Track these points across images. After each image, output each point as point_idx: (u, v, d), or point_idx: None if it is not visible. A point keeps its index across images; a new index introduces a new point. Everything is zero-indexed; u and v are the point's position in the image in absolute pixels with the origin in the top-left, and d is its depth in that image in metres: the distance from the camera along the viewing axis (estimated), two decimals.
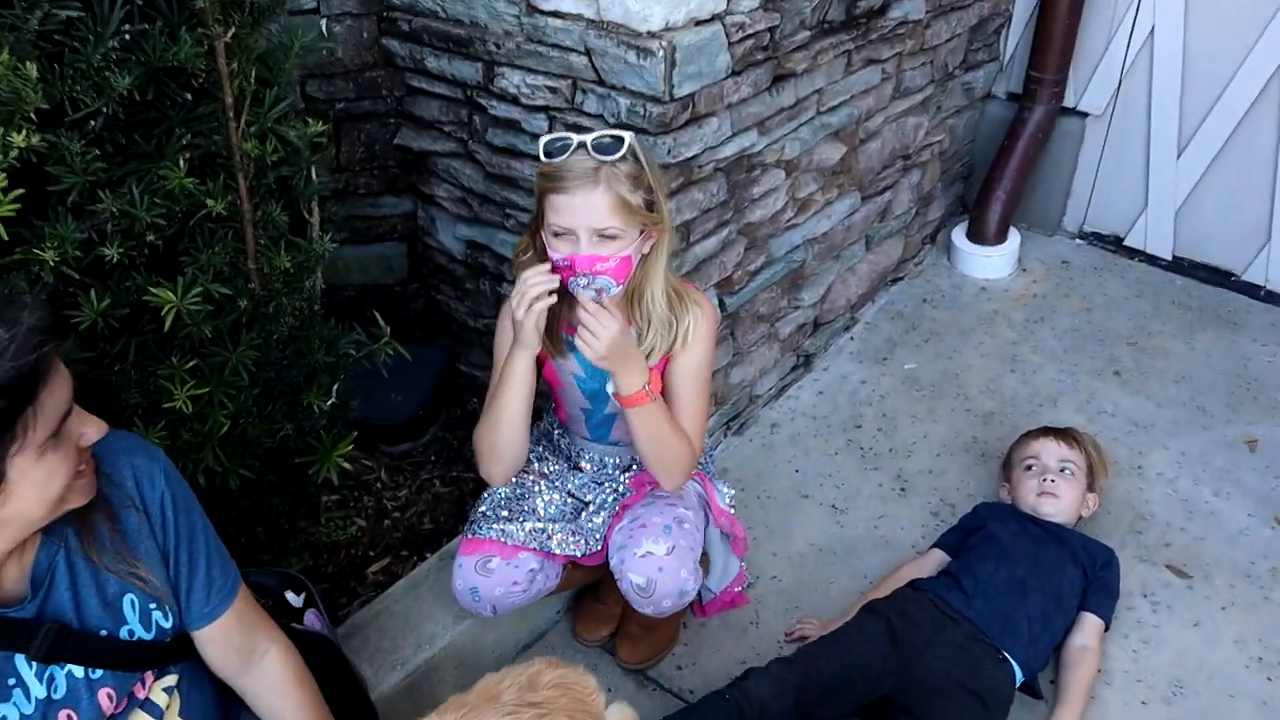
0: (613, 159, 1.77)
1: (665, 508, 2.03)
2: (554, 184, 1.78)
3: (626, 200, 1.77)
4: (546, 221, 1.83)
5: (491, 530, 2.03)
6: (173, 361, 1.83)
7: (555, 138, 1.80)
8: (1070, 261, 3.65)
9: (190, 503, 1.58)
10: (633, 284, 1.91)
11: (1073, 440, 2.56)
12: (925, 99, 3.22)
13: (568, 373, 2.05)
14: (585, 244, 1.78)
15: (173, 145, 1.71)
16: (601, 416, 2.10)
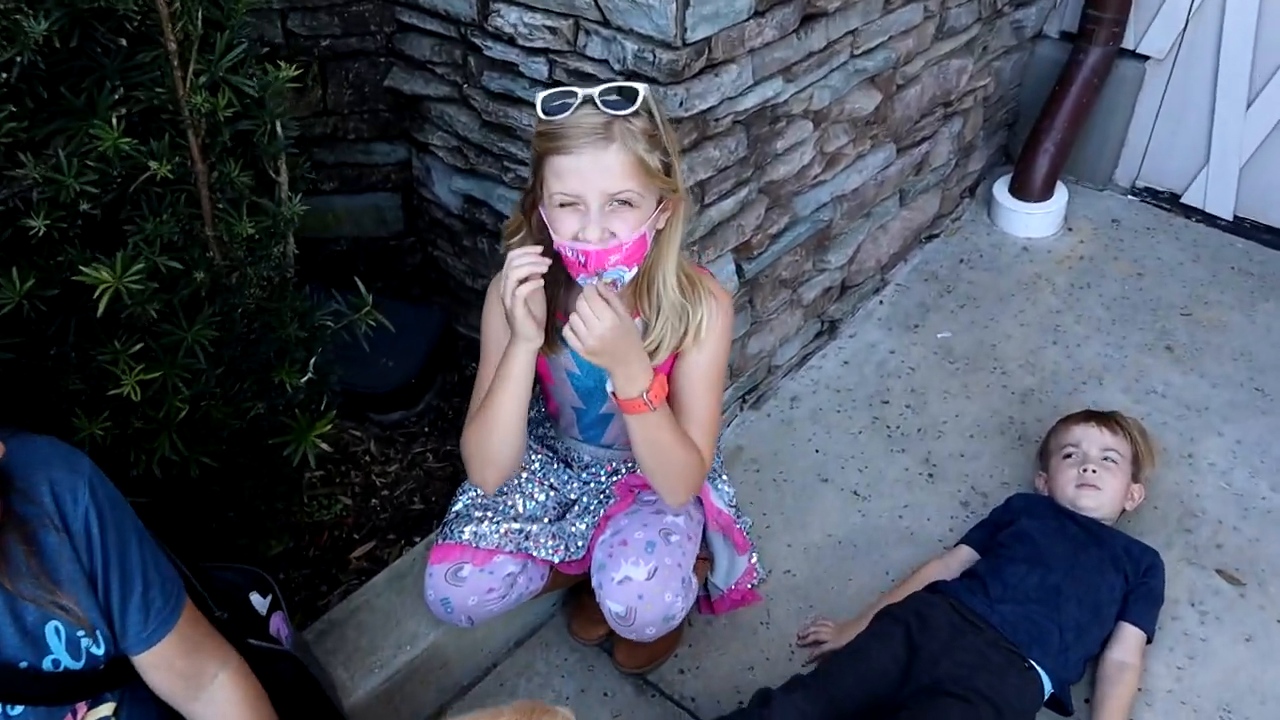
0: (626, 113, 1.52)
1: (651, 517, 1.82)
2: (556, 144, 1.52)
3: (644, 160, 1.53)
4: (548, 191, 1.56)
5: (463, 533, 1.84)
6: (115, 345, 1.62)
7: (555, 92, 1.54)
8: (1121, 220, 3.38)
9: (121, 517, 1.39)
10: (642, 266, 1.66)
11: (1117, 426, 2.33)
12: (970, 39, 2.93)
13: (560, 367, 1.83)
14: (596, 214, 1.53)
15: (104, 99, 1.49)
16: (595, 416, 1.89)
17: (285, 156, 1.82)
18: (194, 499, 2.01)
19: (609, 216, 1.54)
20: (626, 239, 1.56)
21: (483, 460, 1.76)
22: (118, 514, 1.38)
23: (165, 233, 1.64)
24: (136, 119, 1.57)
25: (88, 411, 1.67)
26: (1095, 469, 2.25)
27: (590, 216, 1.53)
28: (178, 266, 1.64)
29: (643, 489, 1.86)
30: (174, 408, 1.77)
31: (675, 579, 1.76)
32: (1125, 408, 2.68)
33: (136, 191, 1.61)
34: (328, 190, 2.69)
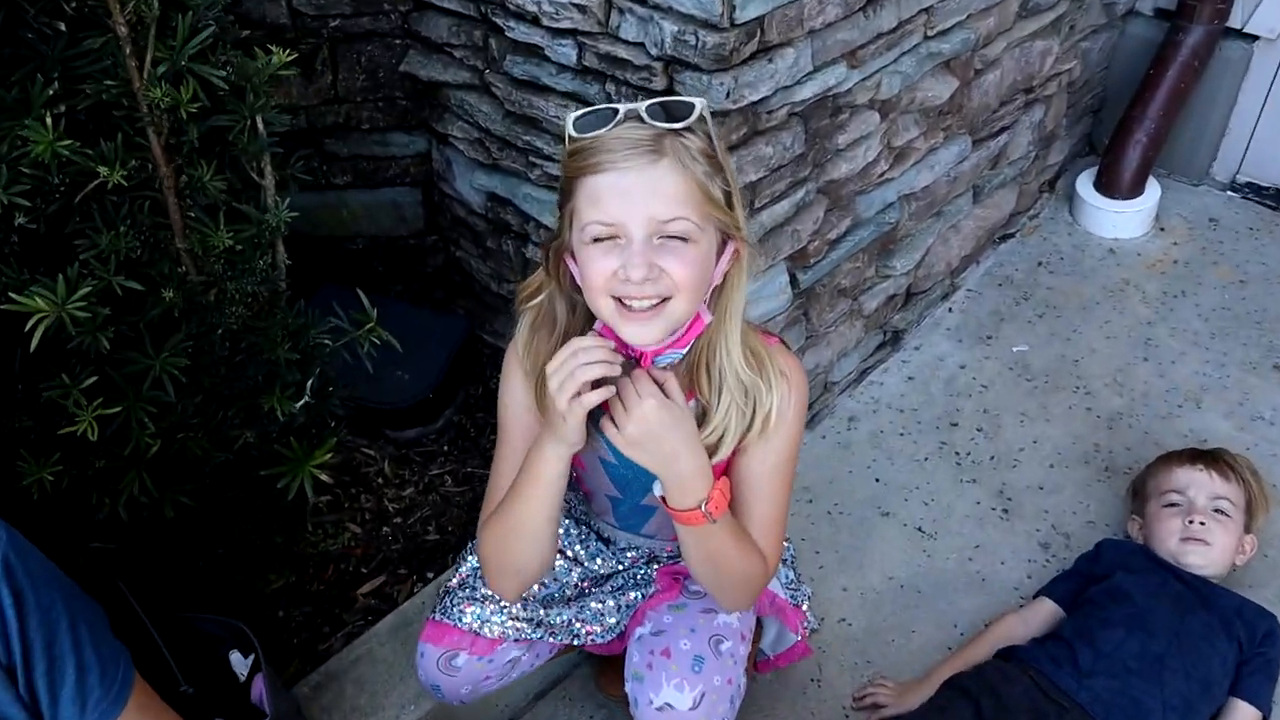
0: (679, 126, 1.20)
1: (700, 618, 1.50)
2: (594, 160, 1.20)
3: (704, 185, 1.21)
4: (579, 224, 1.23)
5: (464, 616, 1.57)
6: (64, 378, 1.40)
7: (592, 110, 1.22)
8: (1219, 219, 3.04)
9: (48, 596, 1.17)
10: (700, 338, 1.33)
11: (1228, 469, 2.03)
12: (1057, 18, 2.61)
13: (593, 453, 1.48)
14: (641, 246, 1.19)
15: (39, 95, 1.25)
16: (634, 505, 1.56)
17: (270, 156, 1.58)
18: (175, 538, 1.80)
19: (658, 251, 1.20)
20: (684, 280, 1.22)
21: (500, 568, 1.43)
22: (43, 594, 1.16)
23: (123, 247, 1.41)
24: (83, 116, 1.35)
25: (37, 453, 1.45)
26: (1204, 521, 1.95)
27: (634, 248, 1.19)
28: (137, 286, 1.41)
29: (689, 576, 1.56)
30: (143, 443, 1.55)
31: (724, 700, 1.45)
32: (1228, 436, 2.38)
33: (86, 201, 1.38)
34: (341, 185, 2.46)
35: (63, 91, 1.30)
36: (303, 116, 2.33)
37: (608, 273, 1.21)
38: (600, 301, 1.25)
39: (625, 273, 1.20)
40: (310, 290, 2.35)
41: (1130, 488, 2.21)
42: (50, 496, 1.47)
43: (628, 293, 1.22)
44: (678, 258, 1.21)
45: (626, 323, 1.24)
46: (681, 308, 1.24)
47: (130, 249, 1.43)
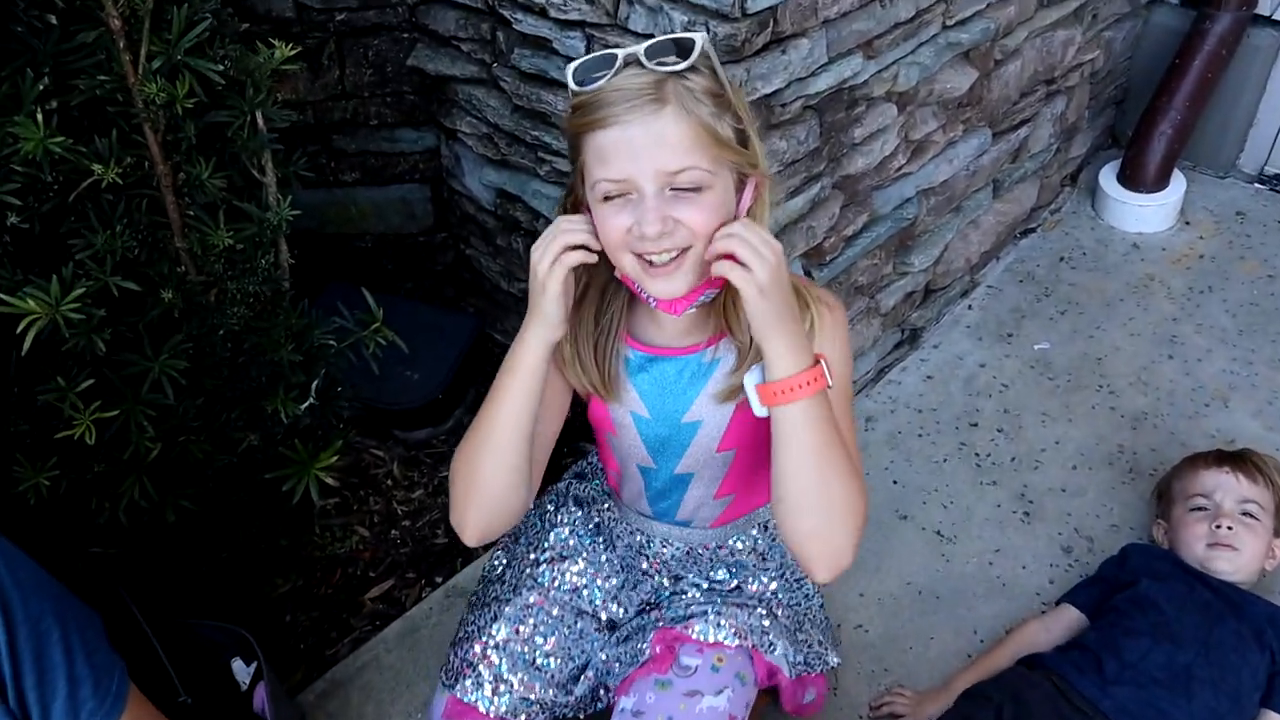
0: (680, 68, 1.16)
1: (681, 701, 1.38)
2: (595, 116, 1.16)
3: (710, 127, 1.16)
4: (589, 180, 1.20)
5: (482, 692, 1.45)
6: (59, 381, 1.37)
7: (589, 58, 1.18)
8: (1246, 213, 2.96)
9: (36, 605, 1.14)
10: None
11: (1256, 471, 1.96)
12: (1079, 7, 2.55)
13: (624, 411, 1.41)
14: (654, 200, 1.15)
15: (30, 90, 1.22)
16: (669, 479, 1.47)
17: (271, 153, 1.54)
18: (177, 542, 1.77)
19: (671, 203, 1.17)
20: (701, 228, 1.18)
21: (465, 490, 1.33)
22: (33, 603, 1.13)
23: (120, 247, 1.38)
24: (76, 112, 1.31)
25: (33, 457, 1.42)
26: (1231, 525, 1.89)
27: (646, 204, 1.16)
28: (133, 287, 1.38)
29: (686, 643, 1.44)
30: (143, 447, 1.52)
31: None
32: (1257, 436, 2.32)
33: (81, 199, 1.35)
34: (349, 182, 2.43)
35: (55, 87, 1.27)
36: (309, 112, 2.30)
37: (623, 229, 1.18)
38: (621, 258, 1.22)
39: (640, 229, 1.17)
40: (318, 288, 2.32)
41: (1155, 491, 2.15)
42: (47, 501, 1.44)
43: (645, 249, 1.19)
44: (693, 206, 1.18)
45: (651, 279, 1.22)
46: (703, 255, 1.21)
47: (127, 248, 1.40)
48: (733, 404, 1.38)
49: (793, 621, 1.58)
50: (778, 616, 1.54)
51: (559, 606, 1.52)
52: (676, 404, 1.39)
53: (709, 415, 1.39)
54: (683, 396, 1.39)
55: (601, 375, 1.37)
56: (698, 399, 1.39)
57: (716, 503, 1.50)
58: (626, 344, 1.38)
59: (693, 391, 1.39)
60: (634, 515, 1.56)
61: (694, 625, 1.45)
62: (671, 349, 1.37)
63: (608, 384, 1.38)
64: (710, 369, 1.38)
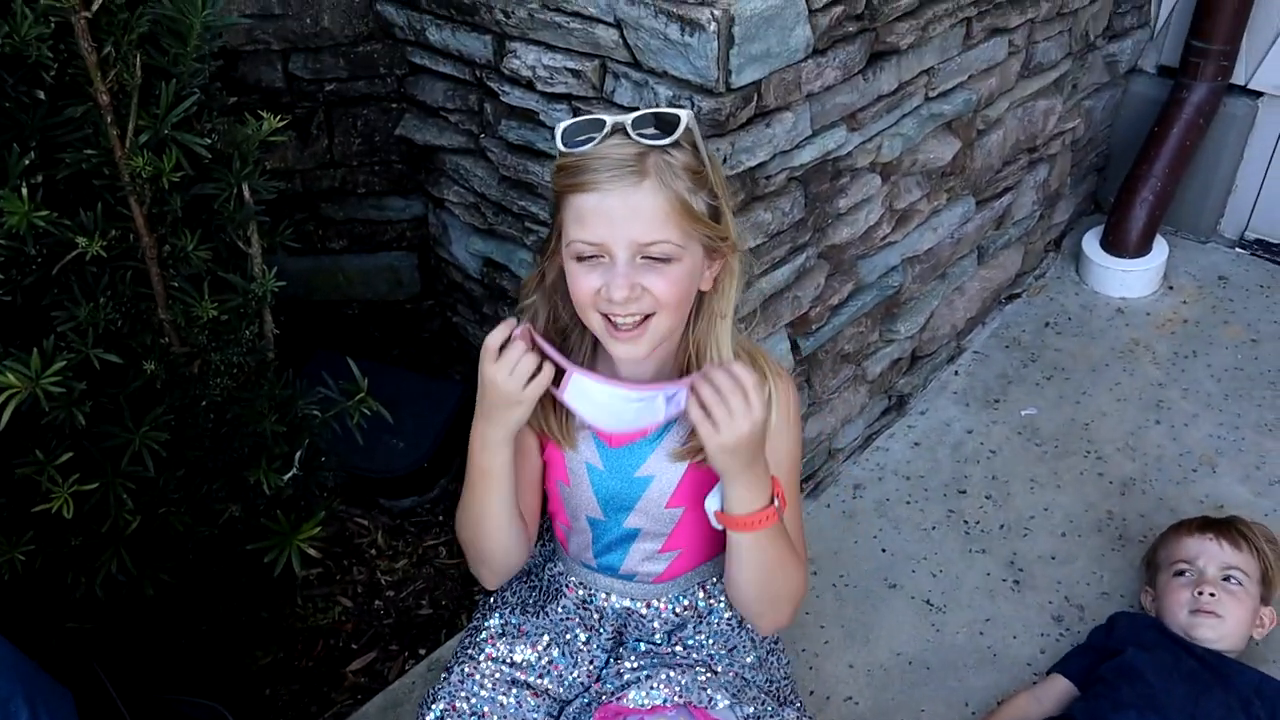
0: (664, 143, 1.22)
1: None
2: (579, 180, 1.22)
3: (686, 203, 1.23)
4: (566, 239, 1.26)
5: None
6: (38, 454, 1.35)
7: (579, 121, 1.24)
8: (1229, 277, 2.99)
9: (6, 687, 1.13)
10: (691, 337, 1.35)
11: (1240, 538, 1.95)
12: (1059, 77, 2.60)
13: (580, 460, 1.45)
14: (624, 266, 1.22)
15: (15, 164, 1.22)
16: (617, 534, 1.50)
17: (257, 224, 1.55)
18: (155, 616, 1.74)
19: (641, 271, 1.23)
20: (666, 298, 1.25)
21: (474, 556, 1.49)
22: (1, 686, 1.10)
23: (102, 319, 1.38)
24: (63, 185, 1.32)
25: (9, 531, 1.40)
26: (1214, 592, 1.88)
27: (616, 270, 1.22)
28: (115, 359, 1.37)
29: (627, 714, 1.40)
30: (122, 520, 1.50)
31: None
32: (1245, 502, 2.31)
33: (65, 271, 1.34)
34: (337, 249, 2.44)
35: (41, 160, 1.27)
36: (298, 180, 2.31)
37: (592, 290, 1.25)
38: (589, 315, 1.29)
39: (608, 292, 1.23)
40: (304, 356, 2.31)
41: (1144, 558, 2.14)
42: (22, 576, 1.42)
43: (612, 310, 1.25)
44: (660, 276, 1.24)
45: (614, 341, 1.29)
46: (665, 323, 1.28)
47: (110, 321, 1.39)
48: (685, 463, 1.41)
49: (737, 679, 1.54)
50: (718, 673, 1.50)
51: (492, 680, 1.47)
52: (631, 458, 1.42)
53: (661, 471, 1.43)
54: (637, 451, 1.42)
55: (559, 421, 1.41)
56: (652, 454, 1.42)
57: (661, 557, 1.51)
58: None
59: (649, 447, 1.42)
60: (579, 568, 1.56)
61: (629, 694, 1.42)
62: None
63: (564, 430, 1.42)
64: (667, 428, 1.41)
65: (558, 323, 1.39)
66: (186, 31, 1.31)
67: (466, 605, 2.13)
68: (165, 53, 1.32)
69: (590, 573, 1.55)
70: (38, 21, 1.18)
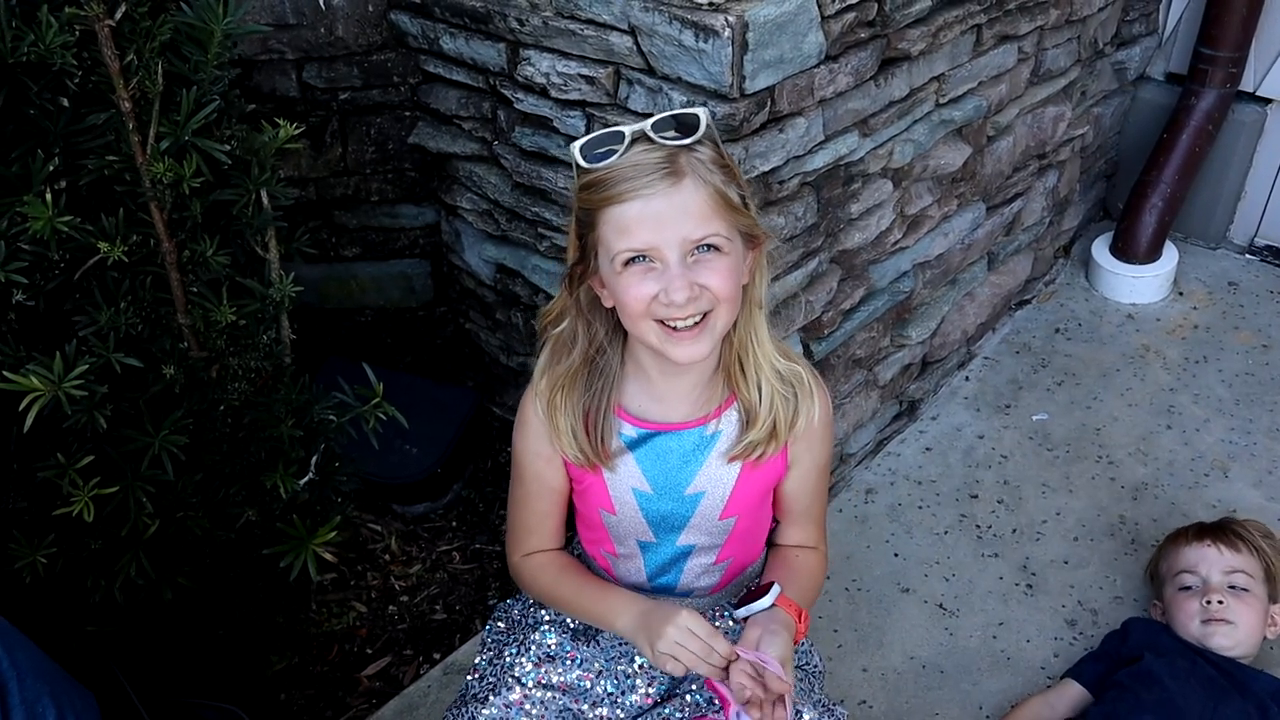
0: (689, 141, 1.22)
1: None
2: (614, 191, 1.21)
3: (725, 194, 1.23)
4: (608, 253, 1.24)
5: None
6: (60, 457, 1.36)
7: (597, 135, 1.24)
8: (1239, 283, 2.99)
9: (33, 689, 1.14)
10: (734, 333, 1.34)
11: (1237, 540, 1.94)
12: (1069, 84, 2.61)
13: (625, 487, 1.42)
14: (678, 267, 1.21)
15: (40, 170, 1.24)
16: (671, 554, 1.47)
17: (275, 230, 1.56)
18: (173, 620, 1.75)
19: (694, 269, 1.23)
20: (723, 291, 1.24)
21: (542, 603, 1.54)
22: (29, 687, 1.13)
23: (123, 324, 1.39)
24: (85, 191, 1.33)
25: (30, 535, 1.41)
26: (1221, 599, 1.87)
27: (672, 272, 1.21)
28: (136, 363, 1.38)
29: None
30: (141, 524, 1.51)
31: None
32: (1258, 506, 2.31)
33: (86, 277, 1.36)
34: (350, 257, 2.45)
35: (64, 167, 1.29)
36: (312, 188, 2.33)
37: (647, 298, 1.23)
38: (642, 325, 1.26)
39: (668, 296, 1.22)
40: (317, 363, 2.32)
41: (1147, 572, 2.14)
42: (44, 579, 1.43)
43: (671, 315, 1.24)
44: (714, 271, 1.23)
45: (674, 344, 1.27)
46: (724, 317, 1.27)
47: (130, 325, 1.41)
48: (736, 467, 1.40)
49: (806, 680, 1.57)
50: (797, 683, 1.51)
51: (541, 707, 1.45)
52: (680, 477, 1.40)
53: (712, 485, 1.41)
54: (685, 469, 1.40)
55: (593, 444, 1.38)
56: (701, 470, 1.40)
57: (716, 569, 1.50)
58: (624, 420, 1.39)
59: (696, 463, 1.40)
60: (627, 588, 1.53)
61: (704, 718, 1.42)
62: (674, 424, 1.38)
63: (600, 452, 1.38)
64: (713, 439, 1.40)
65: (592, 347, 1.37)
66: (207, 39, 1.33)
67: (480, 610, 2.14)
68: (186, 60, 1.33)
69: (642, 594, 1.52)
70: (62, 30, 1.20)
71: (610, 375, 1.38)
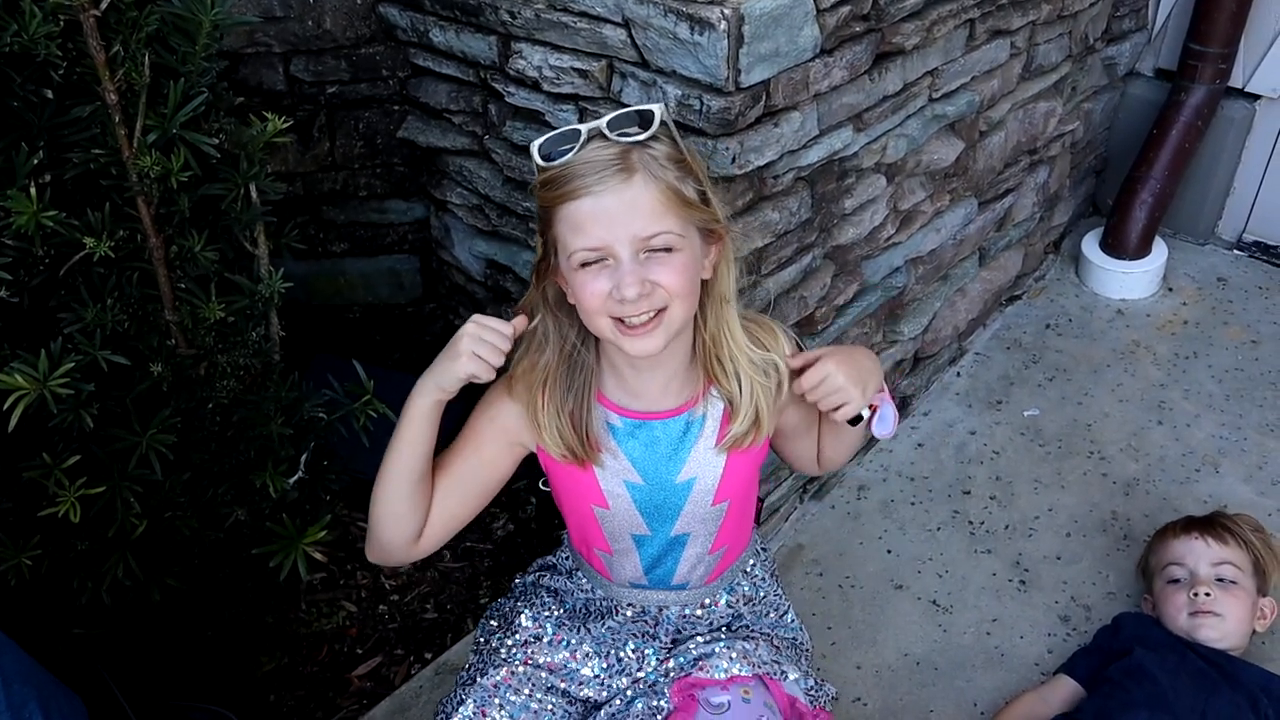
0: (643, 137, 1.23)
1: None
2: (566, 190, 1.22)
3: (678, 190, 1.23)
4: (565, 251, 1.25)
5: None
6: (45, 457, 1.34)
7: (553, 134, 1.25)
8: (1228, 279, 3.00)
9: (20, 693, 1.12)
10: (705, 329, 1.36)
11: (1225, 533, 1.95)
12: (1059, 79, 2.60)
13: (616, 480, 1.41)
14: (630, 264, 1.22)
15: (23, 164, 1.21)
16: (665, 542, 1.47)
17: (264, 225, 1.54)
18: (161, 621, 1.72)
19: (647, 266, 1.23)
20: (676, 287, 1.25)
21: (372, 523, 1.41)
22: (16, 691, 1.10)
23: (110, 321, 1.37)
24: (70, 186, 1.31)
25: (16, 536, 1.39)
26: (1209, 591, 1.87)
27: (623, 268, 1.22)
28: (123, 361, 1.36)
29: (706, 685, 1.43)
30: (128, 524, 1.48)
31: None
32: (1249, 501, 2.31)
33: (72, 272, 1.33)
34: (338, 253, 2.43)
35: (49, 160, 1.26)
36: (299, 183, 2.30)
37: (602, 294, 1.24)
38: (598, 322, 1.27)
39: (619, 293, 1.23)
40: (304, 361, 2.30)
41: (1137, 567, 2.14)
42: (29, 581, 1.41)
43: (624, 311, 1.24)
44: (667, 267, 1.24)
45: (628, 339, 1.27)
46: (679, 314, 1.28)
47: (117, 322, 1.38)
48: (725, 455, 1.41)
49: (793, 650, 1.60)
50: (779, 648, 1.55)
51: (529, 685, 1.46)
52: (669, 465, 1.41)
53: (702, 470, 1.42)
54: (674, 456, 1.41)
55: (579, 437, 1.37)
56: (690, 456, 1.41)
57: (711, 558, 1.50)
58: (609, 410, 1.39)
59: (684, 450, 1.41)
60: (629, 590, 1.53)
61: (706, 665, 1.44)
62: (657, 413, 1.39)
63: (587, 446, 1.38)
64: (700, 424, 1.40)
65: (566, 343, 1.36)
66: (195, 30, 1.30)
67: (472, 609, 2.12)
68: (174, 52, 1.31)
69: (643, 591, 1.52)
70: (46, 20, 1.17)
71: (588, 371, 1.37)
